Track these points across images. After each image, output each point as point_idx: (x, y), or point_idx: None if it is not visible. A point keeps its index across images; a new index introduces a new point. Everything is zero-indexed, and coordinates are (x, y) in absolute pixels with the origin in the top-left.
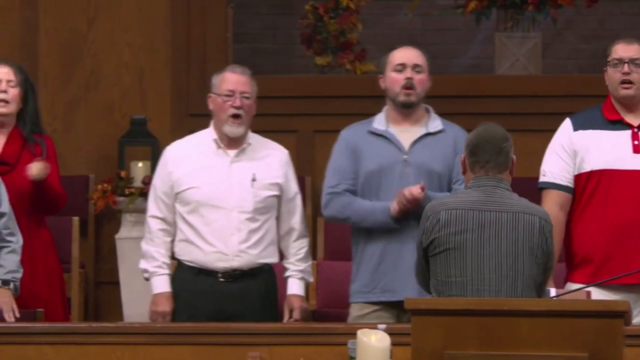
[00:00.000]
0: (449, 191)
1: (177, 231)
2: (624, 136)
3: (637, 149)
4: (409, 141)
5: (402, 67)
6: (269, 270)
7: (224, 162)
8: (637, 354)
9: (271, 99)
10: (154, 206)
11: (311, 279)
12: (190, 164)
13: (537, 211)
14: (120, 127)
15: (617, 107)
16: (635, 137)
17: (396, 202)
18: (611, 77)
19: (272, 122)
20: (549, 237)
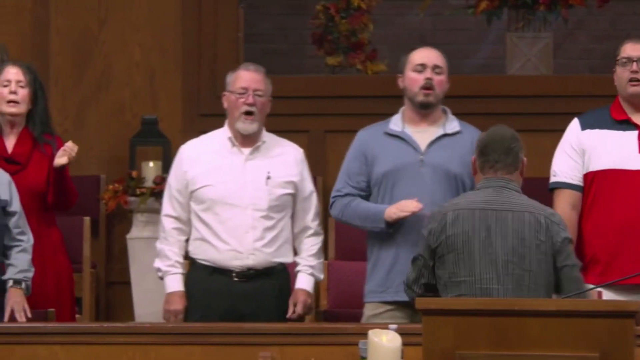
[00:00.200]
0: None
1: (192, 230)
2: (630, 136)
3: None
4: (425, 142)
5: (422, 68)
6: (284, 269)
7: (238, 160)
8: None
9: (282, 99)
10: (169, 205)
11: (321, 276)
12: (204, 162)
13: (543, 210)
14: (131, 127)
15: (625, 107)
16: None
17: (396, 210)
18: (620, 76)
19: (283, 122)
20: (556, 236)
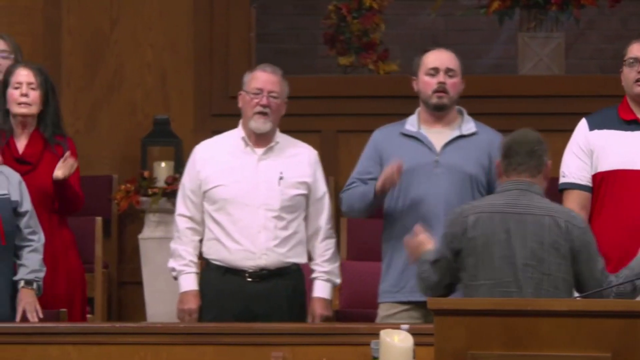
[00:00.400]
0: (488, 194)
1: (206, 230)
2: (638, 136)
3: None
4: (441, 143)
5: (434, 72)
6: (297, 270)
7: (251, 160)
8: None
9: (294, 99)
10: (182, 205)
11: (339, 280)
12: (218, 162)
13: (563, 214)
14: (143, 128)
15: (632, 107)
16: None
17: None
18: (627, 76)
19: (295, 122)
20: (577, 238)
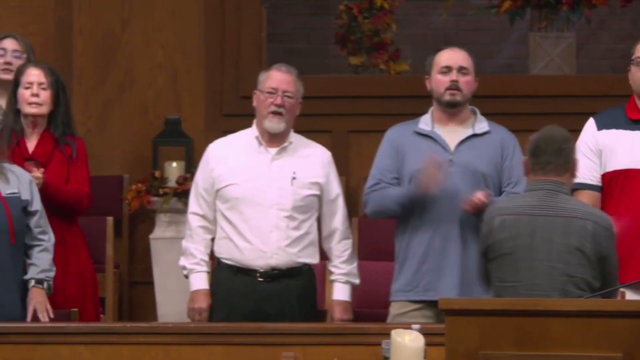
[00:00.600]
0: (500, 193)
1: (217, 229)
2: None
3: None
4: (454, 142)
5: (447, 70)
6: (308, 270)
7: (264, 160)
8: None
9: (305, 99)
10: (195, 203)
11: (357, 280)
12: (231, 161)
13: (591, 215)
14: (154, 128)
15: None
16: None
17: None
18: (634, 76)
19: (306, 122)
20: (604, 242)
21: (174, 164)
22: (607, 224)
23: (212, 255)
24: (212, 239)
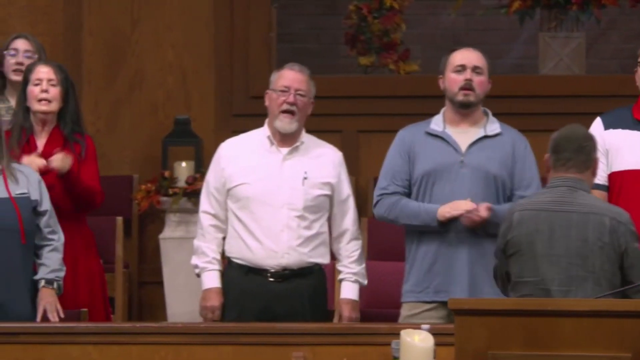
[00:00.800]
0: (510, 196)
1: (229, 228)
2: None
3: None
4: (466, 143)
5: (461, 69)
6: (319, 270)
7: (276, 160)
8: None
9: (315, 99)
10: (206, 202)
11: (365, 281)
12: (242, 160)
13: (609, 211)
14: (164, 127)
15: None
16: None
17: (449, 209)
18: None
19: (316, 122)
20: (622, 238)
21: (184, 164)
22: (625, 219)
23: (223, 254)
24: (224, 238)
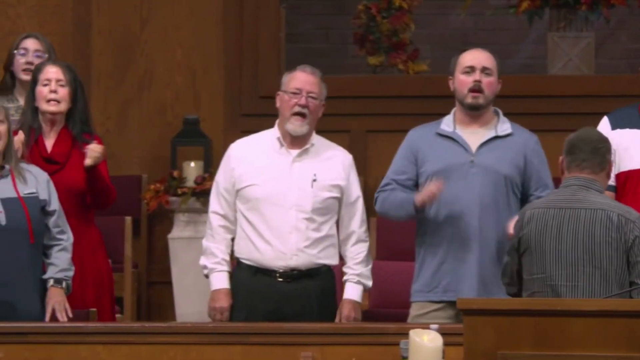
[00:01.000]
0: (524, 197)
1: (238, 229)
2: None
3: None
4: (476, 143)
5: (470, 70)
6: (328, 271)
7: (285, 161)
8: None
9: None
10: (216, 202)
11: (370, 283)
12: (252, 161)
13: (618, 208)
14: (173, 127)
15: None
16: None
17: (422, 196)
18: None
19: (325, 122)
20: (630, 233)
21: (193, 164)
22: (635, 217)
23: (232, 255)
24: (233, 239)
